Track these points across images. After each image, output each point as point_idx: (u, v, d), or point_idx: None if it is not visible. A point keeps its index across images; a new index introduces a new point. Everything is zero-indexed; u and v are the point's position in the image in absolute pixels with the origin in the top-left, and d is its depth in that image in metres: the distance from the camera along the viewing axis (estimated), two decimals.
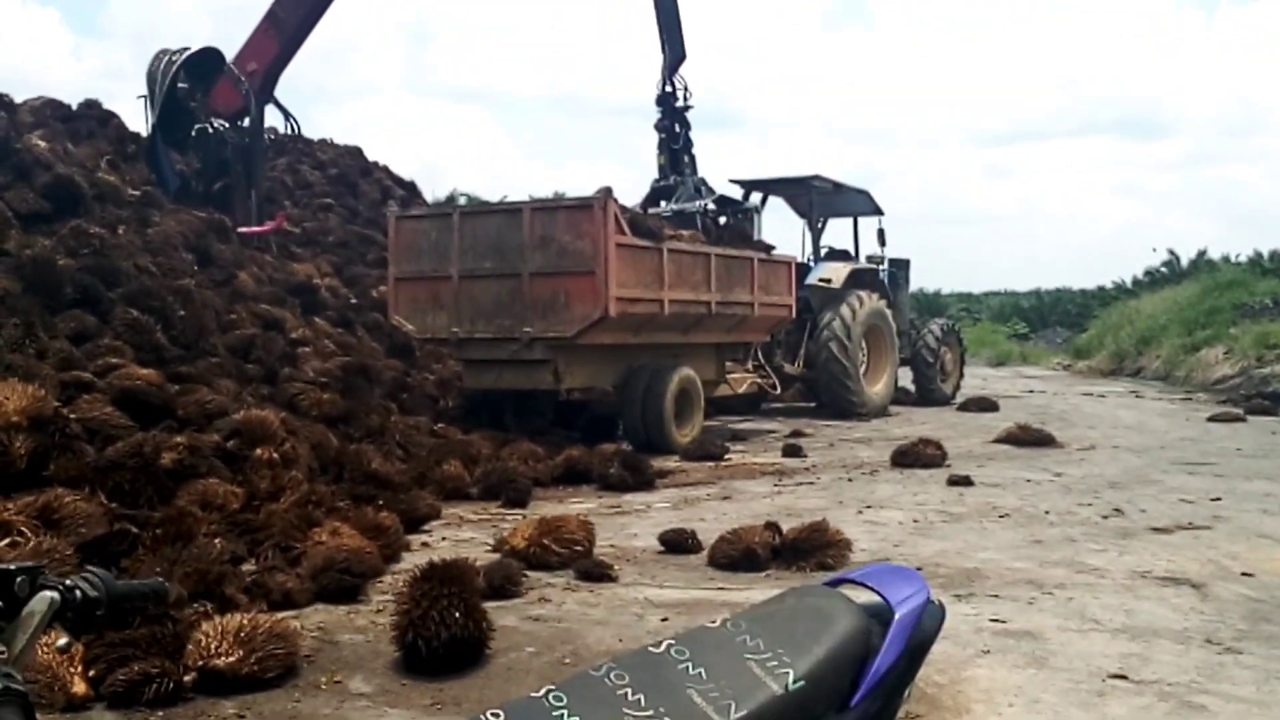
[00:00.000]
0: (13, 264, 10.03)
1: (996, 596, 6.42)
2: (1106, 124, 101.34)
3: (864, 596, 2.13)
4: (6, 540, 5.86)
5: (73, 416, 7.51)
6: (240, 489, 7.71)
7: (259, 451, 8.26)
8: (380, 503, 8.19)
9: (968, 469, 11.44)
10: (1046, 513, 9.17)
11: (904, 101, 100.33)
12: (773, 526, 7.45)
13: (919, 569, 6.98)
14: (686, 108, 19.06)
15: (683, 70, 19.09)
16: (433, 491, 9.50)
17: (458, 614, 5.06)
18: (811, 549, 7.19)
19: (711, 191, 18.75)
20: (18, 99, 17.63)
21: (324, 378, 11.30)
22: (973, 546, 7.83)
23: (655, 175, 19.25)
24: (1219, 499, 9.72)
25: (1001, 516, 9.02)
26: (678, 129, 19.00)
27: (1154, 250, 61.88)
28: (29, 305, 9.27)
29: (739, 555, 7.15)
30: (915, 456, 12.06)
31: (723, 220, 18.06)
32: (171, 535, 6.25)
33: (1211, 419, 17.19)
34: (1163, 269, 43.58)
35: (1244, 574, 6.91)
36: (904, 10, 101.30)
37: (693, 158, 19.20)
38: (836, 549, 7.24)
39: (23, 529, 5.99)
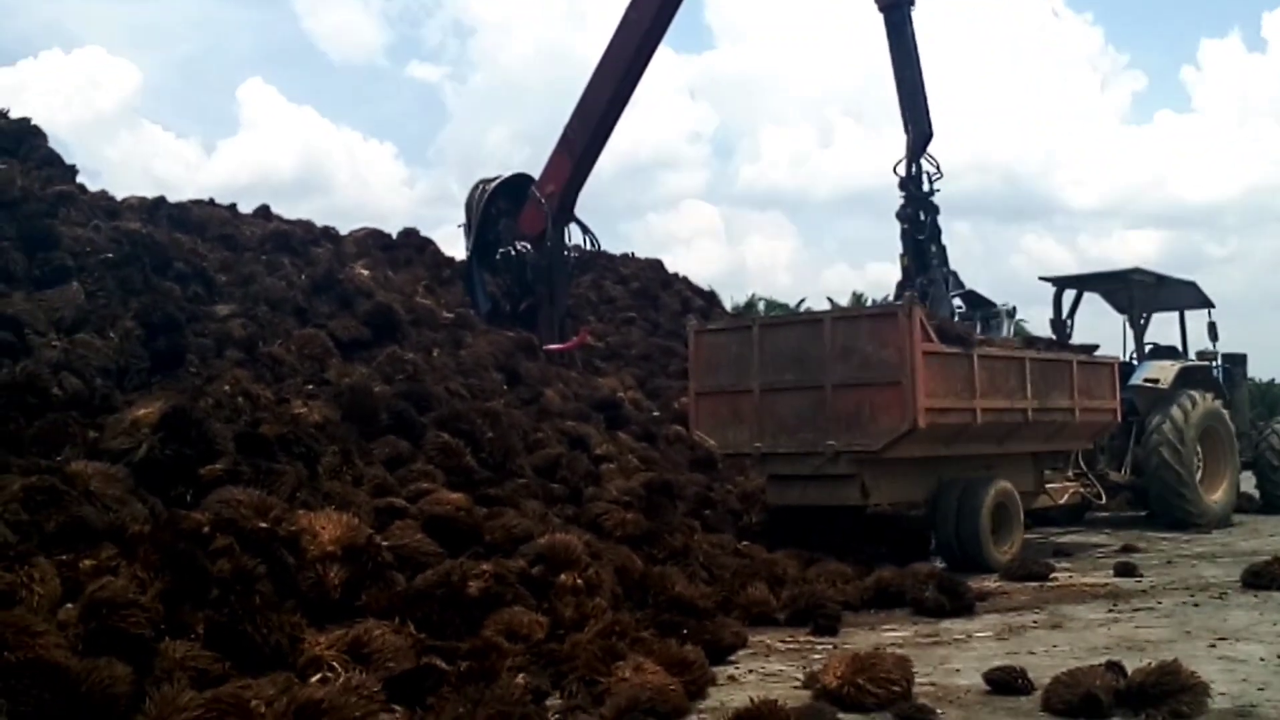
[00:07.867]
0: (332, 392, 10.48)
1: None
2: None
3: None
4: (317, 676, 5.91)
5: (384, 544, 7.61)
6: (545, 618, 7.61)
7: (563, 577, 8.14)
8: (685, 631, 7.93)
9: None
10: None
11: (1227, 183, 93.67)
12: (1115, 667, 6.76)
13: None
14: (933, 191, 16.69)
15: (931, 149, 16.67)
16: (738, 617, 9.19)
17: None
18: (1162, 694, 6.37)
19: (960, 285, 16.91)
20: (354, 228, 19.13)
21: (627, 496, 11.19)
22: None
23: (899, 279, 16.80)
24: None
25: None
26: (923, 216, 16.60)
27: None
28: (346, 432, 9.61)
29: (1078, 700, 6.40)
30: (1271, 577, 10.81)
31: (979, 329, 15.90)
32: (477, 672, 6.16)
33: None
34: None
35: None
36: (1223, 88, 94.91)
37: (942, 247, 16.87)
38: (1192, 694, 6.39)
39: (333, 664, 6.04)
